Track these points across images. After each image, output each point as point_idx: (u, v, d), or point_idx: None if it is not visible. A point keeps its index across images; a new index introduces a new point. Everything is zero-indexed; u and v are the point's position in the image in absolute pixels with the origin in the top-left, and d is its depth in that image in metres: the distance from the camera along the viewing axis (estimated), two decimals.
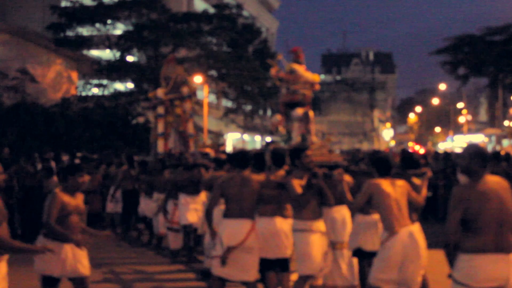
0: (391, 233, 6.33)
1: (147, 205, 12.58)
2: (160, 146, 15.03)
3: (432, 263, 7.75)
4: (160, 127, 15.25)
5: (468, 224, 4.95)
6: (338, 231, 7.97)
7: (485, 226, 4.95)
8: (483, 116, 77.43)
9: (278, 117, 12.06)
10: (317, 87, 11.69)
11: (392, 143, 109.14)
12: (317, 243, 7.17)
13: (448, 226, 5.01)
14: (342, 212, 8.05)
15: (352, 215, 7.88)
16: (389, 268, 6.27)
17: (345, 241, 7.99)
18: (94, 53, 34.83)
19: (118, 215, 14.33)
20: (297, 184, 7.08)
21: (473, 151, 5.19)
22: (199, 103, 36.41)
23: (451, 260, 5.03)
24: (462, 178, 6.34)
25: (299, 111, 11.02)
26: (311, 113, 11.16)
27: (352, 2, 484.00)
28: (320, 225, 7.32)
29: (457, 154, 20.05)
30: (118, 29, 33.14)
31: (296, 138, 11.14)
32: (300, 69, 11.09)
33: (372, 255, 7.26)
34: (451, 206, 5.04)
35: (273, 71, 11.72)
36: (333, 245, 7.94)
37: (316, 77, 11.47)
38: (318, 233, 7.22)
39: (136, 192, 13.24)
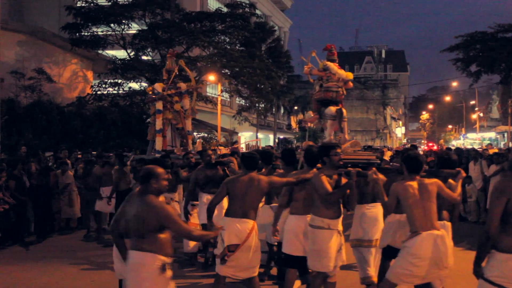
0: (413, 234, 6.32)
1: None
2: (159, 144, 14.18)
3: None
4: (159, 124, 14.25)
5: (508, 218, 4.75)
6: (369, 229, 8.04)
7: None
8: (495, 113, 77.15)
9: (311, 114, 11.88)
10: (350, 84, 11.27)
11: (404, 140, 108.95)
12: (334, 241, 7.09)
13: (489, 219, 4.81)
14: (374, 210, 8.10)
15: (386, 215, 7.85)
16: (407, 266, 6.25)
17: (374, 240, 8.07)
18: (109, 52, 34.95)
19: (106, 215, 14.08)
20: (326, 181, 7.03)
21: None
22: (213, 102, 36.65)
23: (483, 256, 4.86)
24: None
25: (332, 108, 10.75)
26: (344, 111, 10.91)
27: (364, 0, 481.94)
28: (338, 224, 7.21)
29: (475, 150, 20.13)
30: (133, 29, 33.27)
31: (329, 136, 11.00)
32: (334, 66, 10.94)
33: None
34: (493, 198, 4.88)
35: (306, 68, 11.53)
36: (362, 243, 8.09)
37: (349, 75, 11.20)
38: (336, 231, 7.14)
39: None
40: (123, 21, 32.06)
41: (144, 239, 5.58)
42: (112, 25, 32.05)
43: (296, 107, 67.40)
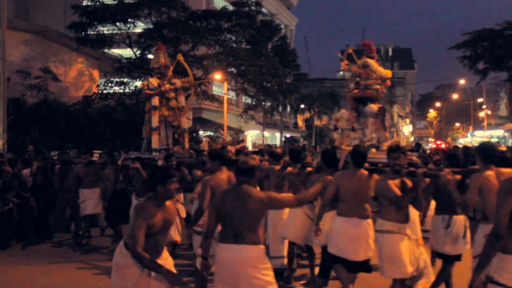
0: None
1: None
2: (155, 142, 13.38)
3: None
4: (155, 121, 13.37)
5: None
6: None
7: None
8: (503, 111, 76.84)
9: (344, 111, 11.62)
10: (388, 83, 11.10)
11: (411, 138, 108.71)
12: (406, 246, 6.92)
13: (498, 220, 4.60)
14: (412, 211, 7.82)
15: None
16: None
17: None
18: (115, 51, 34.96)
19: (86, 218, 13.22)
20: (394, 184, 6.89)
21: None
22: (219, 100, 36.59)
23: (490, 258, 4.65)
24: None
25: (373, 106, 10.59)
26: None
27: None
28: (408, 228, 7.04)
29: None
30: (139, 28, 33.28)
31: (370, 135, 10.77)
32: (374, 63, 10.73)
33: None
34: (499, 198, 4.67)
35: (343, 65, 11.29)
36: None
37: (388, 73, 11.02)
38: (406, 236, 6.97)
39: (125, 192, 12.47)
40: (129, 20, 32.06)
41: (255, 232, 5.71)
42: (118, 24, 32.04)
43: (302, 106, 67.21)
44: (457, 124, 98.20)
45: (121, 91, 33.30)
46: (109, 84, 33.14)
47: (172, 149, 13.40)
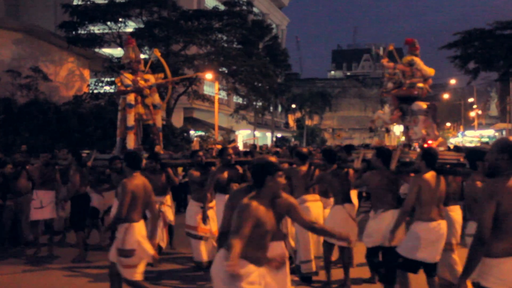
0: None
1: None
2: (130, 142, 12.45)
3: None
4: (130, 120, 12.47)
5: (497, 223, 4.54)
6: (454, 231, 7.80)
7: None
8: (494, 110, 77.04)
9: (381, 112, 11.51)
10: (430, 81, 10.94)
11: (403, 138, 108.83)
12: None
13: (481, 223, 4.56)
14: (455, 212, 7.88)
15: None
16: None
17: (453, 243, 7.82)
18: (106, 51, 34.91)
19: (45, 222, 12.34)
20: None
21: (502, 145, 4.67)
22: (210, 100, 36.54)
23: (475, 263, 4.60)
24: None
25: (421, 104, 10.42)
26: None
27: None
28: None
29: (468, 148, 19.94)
30: (130, 27, 33.23)
31: (420, 132, 10.51)
32: (420, 62, 10.64)
33: None
34: (483, 202, 4.63)
35: (385, 62, 11.17)
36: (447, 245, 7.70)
37: (432, 71, 10.86)
38: None
39: (87, 198, 11.82)
40: (120, 19, 32.01)
41: (280, 228, 5.57)
42: (108, 23, 31.99)
43: (293, 105, 67.30)
44: (448, 124, 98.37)
45: (112, 90, 33.14)
46: (100, 84, 33.07)
47: (141, 149, 12.52)
